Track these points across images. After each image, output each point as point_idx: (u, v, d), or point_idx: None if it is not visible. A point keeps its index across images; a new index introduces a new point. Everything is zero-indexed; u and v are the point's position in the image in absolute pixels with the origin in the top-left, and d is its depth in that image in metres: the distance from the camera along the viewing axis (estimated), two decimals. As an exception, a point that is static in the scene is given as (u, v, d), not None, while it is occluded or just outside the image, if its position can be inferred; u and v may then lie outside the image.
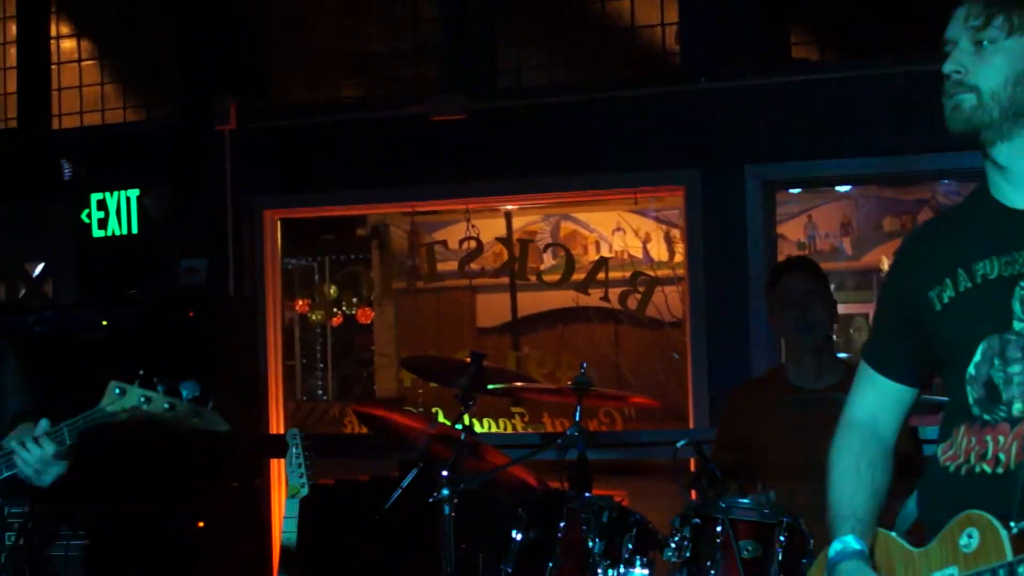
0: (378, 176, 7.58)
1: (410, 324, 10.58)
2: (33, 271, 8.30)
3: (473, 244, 8.35)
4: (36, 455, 3.53)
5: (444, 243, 8.82)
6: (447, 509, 4.71)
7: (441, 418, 7.35)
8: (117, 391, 3.65)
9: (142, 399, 3.63)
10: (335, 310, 10.57)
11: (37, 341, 6.52)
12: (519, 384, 5.72)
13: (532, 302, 10.08)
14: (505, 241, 8.73)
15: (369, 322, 10.74)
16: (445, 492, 4.71)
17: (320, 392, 10.89)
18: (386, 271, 10.40)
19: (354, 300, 10.74)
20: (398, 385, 10.57)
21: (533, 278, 8.93)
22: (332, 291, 10.73)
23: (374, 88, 7.95)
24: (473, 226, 8.37)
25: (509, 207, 9.05)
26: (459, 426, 4.89)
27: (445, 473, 4.74)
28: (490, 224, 9.07)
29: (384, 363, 10.86)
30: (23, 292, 8.36)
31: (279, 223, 7.90)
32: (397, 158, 7.49)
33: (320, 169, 7.62)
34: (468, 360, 4.98)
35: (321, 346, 10.85)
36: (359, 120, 7.62)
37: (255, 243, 7.73)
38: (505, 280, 9.45)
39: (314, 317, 10.51)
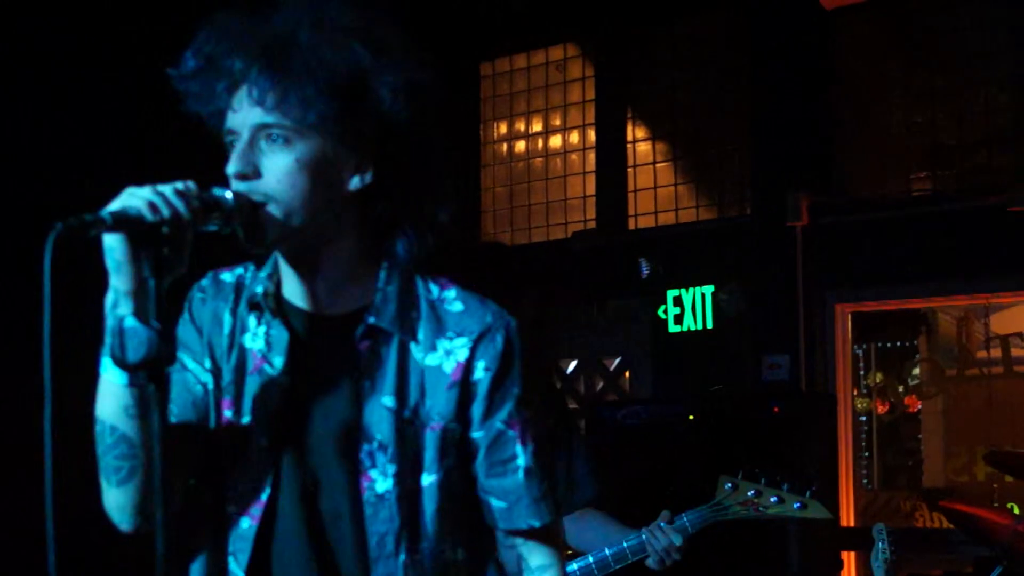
0: (951, 268, 7.46)
1: (960, 413, 10.31)
2: (611, 365, 8.71)
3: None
4: (663, 543, 3.79)
5: (1020, 335, 8.56)
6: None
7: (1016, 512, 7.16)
8: (728, 486, 3.85)
9: (751, 492, 3.80)
10: (881, 398, 10.46)
11: (625, 433, 6.80)
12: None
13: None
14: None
15: (916, 410, 10.54)
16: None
17: (864, 481, 10.76)
18: (934, 357, 10.19)
19: (900, 388, 10.60)
20: (946, 476, 10.31)
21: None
22: (878, 378, 10.63)
23: (946, 180, 7.82)
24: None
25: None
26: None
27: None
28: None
29: (932, 452, 10.62)
30: (600, 385, 8.77)
31: (849, 317, 7.93)
32: (971, 250, 7.35)
33: (892, 262, 7.58)
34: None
35: (866, 434, 10.74)
36: (932, 212, 7.54)
37: (826, 337, 7.78)
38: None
39: (860, 405, 10.43)
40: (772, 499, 3.82)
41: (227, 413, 2.16)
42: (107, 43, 6.29)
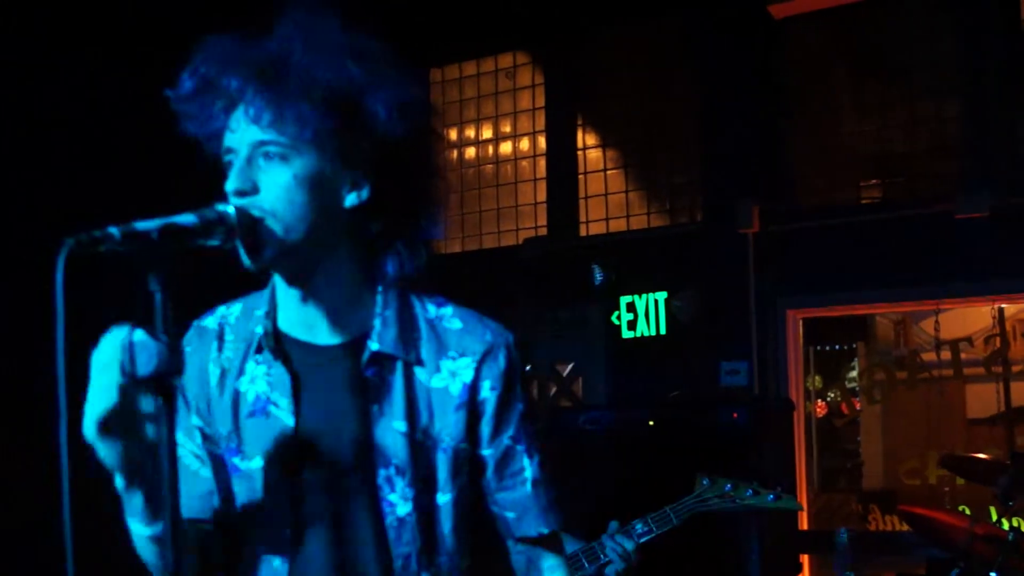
0: (900, 274, 7.56)
1: (897, 416, 10.45)
2: (564, 371, 8.72)
3: (998, 342, 8.19)
4: (617, 550, 3.90)
5: (969, 340, 8.68)
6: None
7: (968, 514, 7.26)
8: (706, 481, 4.03)
9: (728, 487, 3.98)
10: (820, 401, 10.57)
11: (586, 438, 6.80)
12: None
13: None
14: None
15: (855, 413, 10.66)
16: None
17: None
18: (872, 361, 10.31)
19: (837, 392, 10.72)
20: (898, 479, 10.43)
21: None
22: (817, 382, 10.72)
23: (895, 188, 7.93)
24: (997, 325, 8.21)
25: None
26: (1006, 525, 4.90)
27: (993, 574, 4.78)
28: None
29: (871, 455, 10.75)
30: (553, 391, 8.78)
31: (801, 322, 8.01)
32: (919, 256, 7.46)
33: (842, 268, 7.68)
34: (1008, 461, 5.03)
35: (806, 437, 10.84)
36: (880, 220, 7.64)
37: (778, 342, 7.85)
38: (997, 370, 9.24)
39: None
40: (747, 492, 4.02)
41: (235, 460, 2.16)
42: (105, 64, 6.30)
